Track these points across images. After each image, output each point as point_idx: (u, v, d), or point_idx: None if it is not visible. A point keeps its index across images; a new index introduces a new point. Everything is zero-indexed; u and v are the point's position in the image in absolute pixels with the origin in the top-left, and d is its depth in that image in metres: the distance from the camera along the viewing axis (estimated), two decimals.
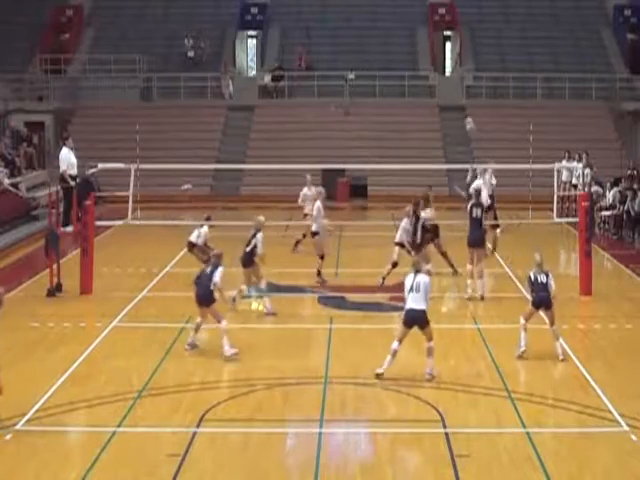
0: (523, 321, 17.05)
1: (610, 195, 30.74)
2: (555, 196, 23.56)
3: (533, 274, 17.09)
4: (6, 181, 31.69)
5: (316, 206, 23.16)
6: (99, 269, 23.04)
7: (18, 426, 13.71)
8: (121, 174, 25.44)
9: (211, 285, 17.00)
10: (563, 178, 31.51)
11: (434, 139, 40.56)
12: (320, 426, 13.88)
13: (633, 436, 13.37)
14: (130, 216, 23.43)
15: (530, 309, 17.13)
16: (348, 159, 34.54)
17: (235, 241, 21.70)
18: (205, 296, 17.14)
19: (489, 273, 22.86)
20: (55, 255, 21.73)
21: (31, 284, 23.00)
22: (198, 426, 13.78)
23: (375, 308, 20.97)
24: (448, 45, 46.59)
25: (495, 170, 27.50)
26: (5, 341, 18.13)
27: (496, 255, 24.63)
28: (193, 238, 22.44)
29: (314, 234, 23.10)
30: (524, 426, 13.76)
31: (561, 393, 15.23)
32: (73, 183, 23.39)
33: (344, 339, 18.53)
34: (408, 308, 15.85)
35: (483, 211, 21.85)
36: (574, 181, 32.01)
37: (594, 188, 30.92)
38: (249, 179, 38.67)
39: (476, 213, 21.69)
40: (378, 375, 15.80)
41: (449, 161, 37.31)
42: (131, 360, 16.99)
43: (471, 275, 21.44)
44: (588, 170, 31.29)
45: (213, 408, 14.50)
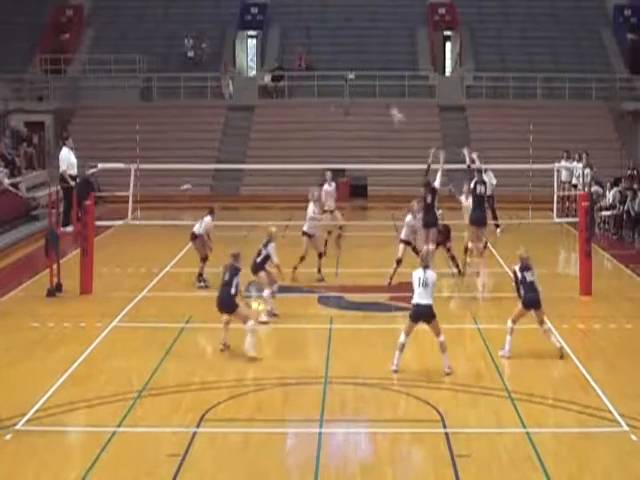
0: (510, 324, 16.95)
1: (610, 195, 30.72)
2: (555, 196, 23.56)
3: (520, 272, 16.94)
4: (6, 181, 31.67)
5: (309, 208, 23.25)
6: (99, 269, 23.04)
7: (18, 426, 13.71)
8: (121, 174, 25.43)
9: (232, 290, 16.79)
10: (562, 178, 31.47)
11: (434, 139, 40.36)
12: (320, 426, 13.87)
13: (633, 436, 13.37)
14: (130, 216, 23.42)
15: (520, 310, 17.00)
16: (348, 159, 34.52)
17: (235, 241, 21.70)
18: (226, 302, 16.91)
19: (489, 273, 22.89)
20: (55, 255, 21.72)
21: (31, 284, 22.99)
22: (198, 426, 13.77)
23: (375, 308, 20.95)
24: (448, 45, 46.57)
25: (495, 170, 27.49)
26: (5, 341, 18.20)
27: (496, 255, 24.62)
28: (196, 229, 22.44)
29: (305, 234, 23.10)
30: (524, 426, 13.76)
31: (561, 393, 15.22)
32: (73, 183, 23.38)
33: (344, 339, 18.52)
34: (415, 303, 15.94)
35: (486, 189, 21.98)
36: (574, 181, 31.99)
37: (594, 188, 30.89)
38: (249, 179, 38.65)
39: (480, 190, 21.74)
40: (394, 372, 15.96)
41: (449, 161, 37.18)
42: (131, 360, 16.98)
43: (471, 253, 21.76)
44: (588, 170, 31.26)
45: (213, 408, 14.49)
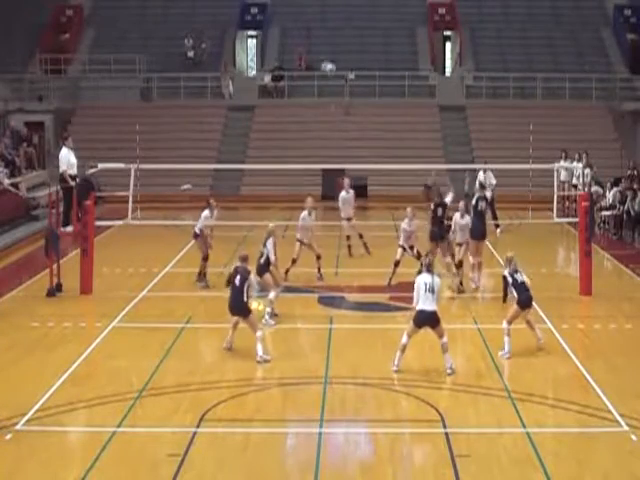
0: (507, 325, 16.96)
1: (610, 195, 30.71)
2: (555, 196, 23.56)
3: (510, 275, 17.16)
4: (6, 181, 31.66)
5: (301, 215, 23.23)
6: (99, 269, 23.04)
7: (18, 426, 13.71)
8: (121, 174, 25.41)
9: (244, 297, 16.72)
10: (562, 178, 31.45)
11: (434, 139, 40.55)
12: (320, 426, 13.86)
13: (633, 436, 13.37)
14: (130, 216, 23.40)
15: (516, 311, 17.04)
16: (348, 159, 34.53)
17: (235, 241, 21.71)
18: (238, 307, 16.87)
19: (489, 273, 22.91)
20: (55, 255, 21.71)
21: (31, 284, 22.98)
22: (198, 426, 13.77)
23: (375, 308, 20.94)
24: (448, 45, 46.57)
25: (495, 170, 27.51)
26: (5, 341, 18.19)
27: (496, 255, 24.62)
28: (197, 228, 22.42)
29: (298, 240, 23.16)
30: (524, 426, 13.75)
31: (561, 393, 15.21)
32: (73, 183, 23.37)
33: (344, 339, 18.52)
34: (420, 309, 15.91)
35: (487, 205, 22.10)
36: (574, 181, 32.01)
37: (594, 188, 30.90)
38: (249, 179, 38.64)
39: (481, 206, 21.97)
40: (395, 372, 16.00)
41: (449, 161, 37.32)
42: (131, 360, 16.97)
43: (473, 268, 21.83)
44: (588, 170, 31.28)
45: (213, 408, 14.49)
